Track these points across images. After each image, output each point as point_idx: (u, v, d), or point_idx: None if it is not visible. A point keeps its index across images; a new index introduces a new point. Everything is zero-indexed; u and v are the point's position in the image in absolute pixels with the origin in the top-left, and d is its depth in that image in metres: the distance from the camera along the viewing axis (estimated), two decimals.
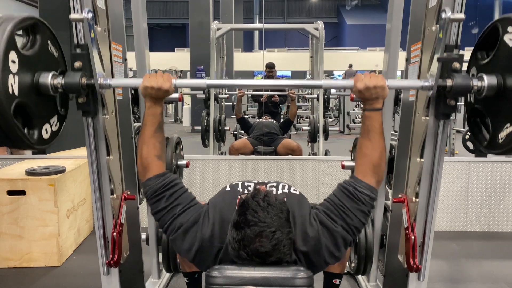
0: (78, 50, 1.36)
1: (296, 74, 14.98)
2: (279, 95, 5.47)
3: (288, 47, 19.09)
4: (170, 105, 11.50)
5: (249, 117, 6.88)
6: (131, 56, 1.90)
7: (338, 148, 4.49)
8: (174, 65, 11.88)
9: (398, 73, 2.14)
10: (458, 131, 6.27)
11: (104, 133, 1.53)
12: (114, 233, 1.60)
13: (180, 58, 13.63)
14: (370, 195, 1.37)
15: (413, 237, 1.58)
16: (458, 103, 1.41)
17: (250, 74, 15.08)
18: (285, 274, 1.22)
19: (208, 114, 4.54)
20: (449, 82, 1.33)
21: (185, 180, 2.36)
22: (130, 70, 2.16)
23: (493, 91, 1.30)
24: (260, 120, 4.76)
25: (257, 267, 1.23)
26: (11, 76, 1.19)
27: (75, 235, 2.93)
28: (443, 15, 1.31)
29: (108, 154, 1.58)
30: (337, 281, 1.85)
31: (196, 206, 1.42)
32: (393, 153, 1.98)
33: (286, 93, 5.10)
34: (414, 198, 1.61)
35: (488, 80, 1.30)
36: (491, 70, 1.32)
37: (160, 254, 2.29)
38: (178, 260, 2.14)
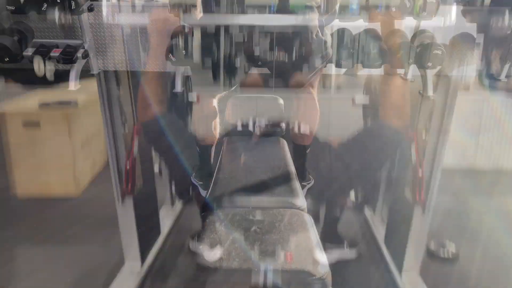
0: None
1: None
2: None
3: None
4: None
5: None
6: None
7: None
8: None
9: None
10: None
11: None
12: (127, 165, 1.65)
13: None
14: None
15: (420, 172, 1.60)
16: None
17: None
18: None
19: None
20: None
21: None
22: None
23: None
24: None
25: None
26: None
27: (90, 166, 3.02)
28: None
29: (118, 88, 1.58)
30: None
31: None
32: None
33: None
34: (424, 134, 1.60)
35: None
36: None
37: (173, 184, 2.37)
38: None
